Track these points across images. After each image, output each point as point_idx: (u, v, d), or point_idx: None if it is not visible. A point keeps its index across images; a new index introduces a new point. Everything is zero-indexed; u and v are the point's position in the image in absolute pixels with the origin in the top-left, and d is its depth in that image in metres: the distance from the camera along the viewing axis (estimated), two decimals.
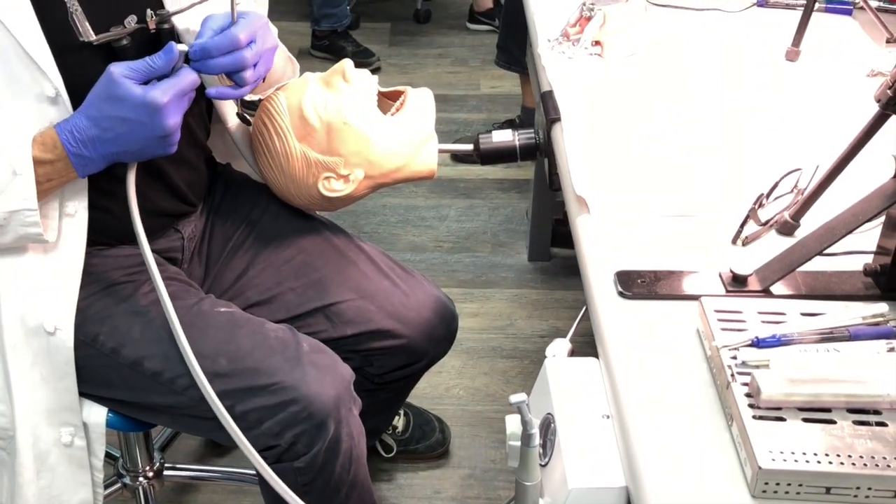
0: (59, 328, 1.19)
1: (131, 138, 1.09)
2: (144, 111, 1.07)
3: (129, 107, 1.07)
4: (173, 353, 1.19)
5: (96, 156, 1.10)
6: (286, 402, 1.20)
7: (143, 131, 1.09)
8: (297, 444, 1.22)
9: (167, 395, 1.23)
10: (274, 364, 1.22)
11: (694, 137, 1.32)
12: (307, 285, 1.41)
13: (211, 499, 1.84)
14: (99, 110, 1.08)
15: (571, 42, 1.56)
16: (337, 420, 1.23)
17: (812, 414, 0.82)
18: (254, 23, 1.13)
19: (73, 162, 1.10)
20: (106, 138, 1.09)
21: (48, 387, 1.21)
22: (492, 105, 3.33)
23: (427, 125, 1.36)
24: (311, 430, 1.22)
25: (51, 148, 1.09)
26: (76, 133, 1.09)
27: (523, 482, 0.95)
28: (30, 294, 1.17)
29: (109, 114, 1.08)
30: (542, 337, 2.26)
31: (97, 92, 1.08)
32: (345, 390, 1.26)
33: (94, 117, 1.08)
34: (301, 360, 1.23)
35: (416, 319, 1.44)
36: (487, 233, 2.66)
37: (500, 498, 1.85)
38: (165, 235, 1.35)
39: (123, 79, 1.06)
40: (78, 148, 1.09)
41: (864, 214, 0.99)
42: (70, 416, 1.24)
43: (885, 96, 0.97)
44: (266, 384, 1.20)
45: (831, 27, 1.65)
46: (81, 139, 1.09)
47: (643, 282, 1.03)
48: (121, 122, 1.08)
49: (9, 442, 1.23)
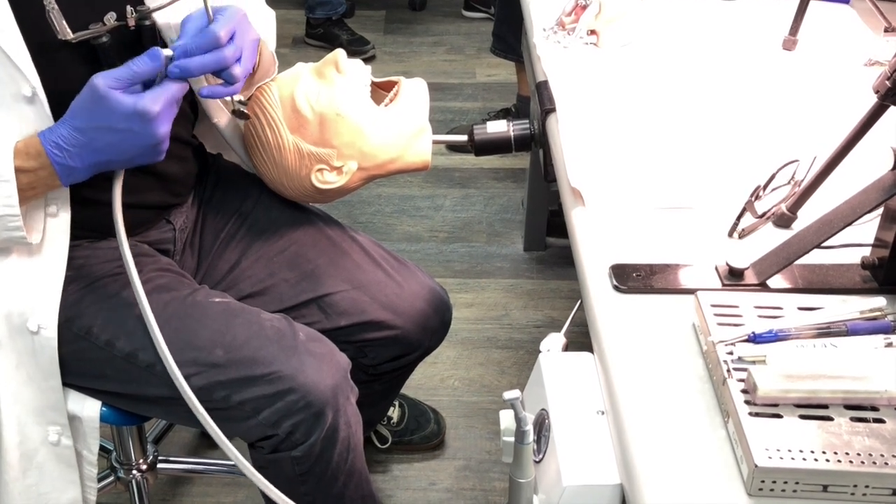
0: (43, 327, 1.18)
1: (122, 148, 1.07)
2: (136, 121, 1.04)
3: (119, 117, 1.04)
4: (169, 345, 1.18)
5: (82, 166, 1.08)
6: (283, 391, 1.19)
7: (134, 140, 1.06)
8: (295, 433, 1.22)
9: (162, 387, 1.22)
10: (270, 353, 1.21)
11: (690, 128, 1.31)
12: (300, 276, 1.40)
13: (205, 491, 1.84)
14: (86, 121, 1.06)
15: (567, 31, 1.55)
16: (335, 409, 1.23)
17: (809, 410, 0.81)
18: (232, 17, 1.11)
19: (58, 171, 1.08)
20: (94, 148, 1.07)
21: (33, 386, 1.20)
22: (487, 94, 3.32)
23: (421, 116, 1.35)
24: (308, 420, 1.21)
25: (34, 156, 1.07)
26: (62, 143, 1.06)
27: (517, 479, 0.95)
28: (13, 293, 1.16)
29: (98, 124, 1.05)
30: (538, 327, 2.26)
31: (82, 102, 1.06)
32: (342, 379, 1.25)
33: (81, 128, 1.06)
34: (298, 349, 1.22)
35: (410, 310, 1.43)
36: (483, 222, 2.65)
37: (494, 489, 1.85)
38: (157, 227, 1.34)
39: (110, 90, 1.04)
40: (63, 158, 1.07)
41: (862, 207, 0.98)
42: (56, 416, 1.24)
43: (883, 87, 0.96)
44: (263, 374, 1.20)
45: (829, 16, 1.64)
46: (67, 150, 1.06)
47: (638, 275, 1.02)
48: (110, 132, 1.05)
49: None
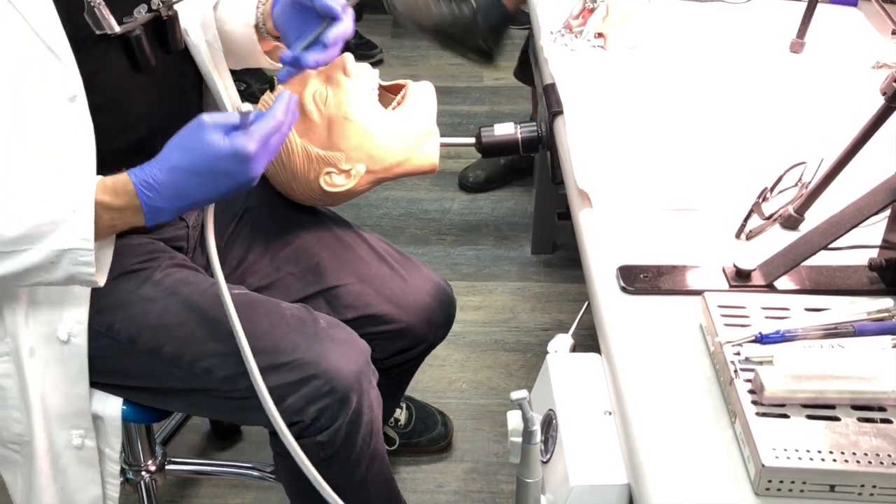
0: (73, 335, 1.18)
1: (218, 189, 1.04)
2: (232, 161, 1.01)
3: (219, 157, 1.01)
4: (193, 337, 1.20)
5: (171, 207, 1.04)
6: (308, 377, 1.20)
7: (228, 181, 1.03)
8: (321, 418, 1.22)
9: (187, 379, 1.23)
10: (293, 341, 1.22)
11: (697, 130, 1.31)
12: (306, 270, 1.41)
13: (213, 492, 1.84)
14: (182, 158, 1.02)
15: (574, 34, 1.56)
16: (359, 393, 1.24)
17: (816, 411, 0.81)
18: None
19: (146, 213, 1.04)
20: (186, 192, 1.03)
21: (60, 393, 1.21)
22: (495, 97, 3.32)
23: (428, 119, 1.35)
24: (334, 404, 1.22)
25: (122, 194, 1.03)
26: (153, 183, 1.02)
27: (525, 479, 0.95)
28: (44, 303, 1.16)
29: (194, 163, 1.02)
30: (546, 330, 2.26)
31: (180, 141, 1.03)
32: (364, 363, 1.26)
33: (176, 168, 1.02)
34: (320, 336, 1.23)
35: (415, 304, 1.44)
36: (490, 226, 2.65)
37: (502, 492, 1.85)
38: (171, 224, 1.35)
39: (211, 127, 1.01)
40: (154, 200, 1.03)
41: (869, 208, 0.98)
42: (81, 420, 1.25)
43: (890, 89, 0.96)
44: (287, 361, 1.20)
45: (836, 18, 1.64)
46: (159, 191, 1.03)
47: (646, 277, 1.02)
48: (208, 175, 1.02)
49: (24, 447, 1.24)
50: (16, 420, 1.22)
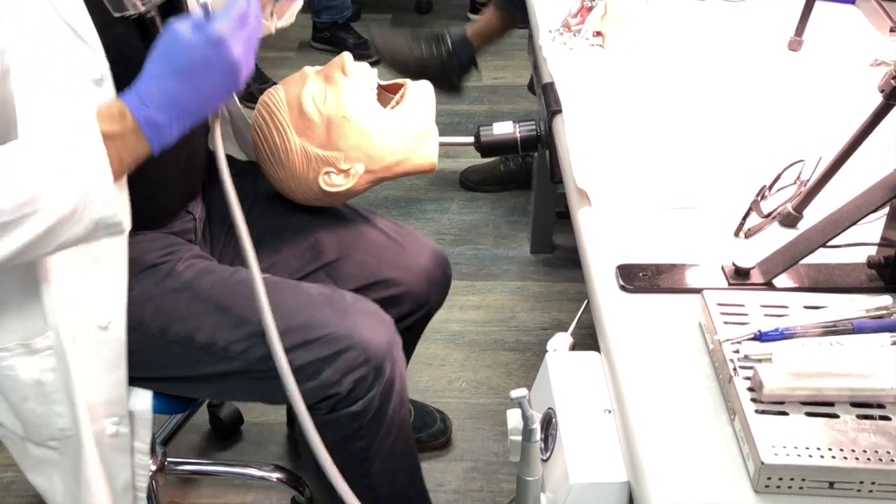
0: (112, 321, 1.19)
1: (204, 85, 1.03)
2: (207, 48, 1.01)
3: (194, 48, 1.01)
4: (223, 322, 1.23)
5: (168, 119, 1.03)
6: (342, 349, 1.23)
7: (210, 72, 1.02)
8: (356, 388, 1.25)
9: (219, 364, 1.25)
10: (324, 316, 1.24)
11: (695, 128, 1.31)
12: (305, 248, 1.43)
13: (214, 492, 1.84)
14: (163, 65, 1.02)
15: (573, 33, 1.56)
16: (392, 361, 1.27)
17: (815, 408, 0.81)
18: None
19: (146, 132, 1.02)
20: (177, 97, 1.02)
21: (99, 381, 1.22)
22: (494, 96, 3.32)
23: (427, 118, 1.36)
24: (369, 374, 1.24)
25: (118, 118, 1.02)
26: (143, 96, 1.02)
27: (524, 477, 0.95)
28: (83, 290, 1.16)
29: (174, 64, 1.01)
30: (545, 329, 2.26)
31: (157, 51, 1.03)
32: (393, 333, 1.30)
33: (159, 76, 1.02)
34: (349, 310, 1.26)
35: (415, 266, 1.47)
36: (489, 225, 2.65)
37: (502, 491, 1.85)
38: (180, 218, 1.37)
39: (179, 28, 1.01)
40: (148, 111, 1.02)
41: (867, 206, 0.98)
42: (118, 408, 1.25)
43: (888, 86, 0.97)
44: (320, 336, 1.22)
45: (834, 16, 1.64)
46: (149, 103, 1.02)
47: (645, 275, 1.02)
48: (190, 71, 1.02)
49: (64, 442, 1.24)
50: (58, 415, 1.21)
